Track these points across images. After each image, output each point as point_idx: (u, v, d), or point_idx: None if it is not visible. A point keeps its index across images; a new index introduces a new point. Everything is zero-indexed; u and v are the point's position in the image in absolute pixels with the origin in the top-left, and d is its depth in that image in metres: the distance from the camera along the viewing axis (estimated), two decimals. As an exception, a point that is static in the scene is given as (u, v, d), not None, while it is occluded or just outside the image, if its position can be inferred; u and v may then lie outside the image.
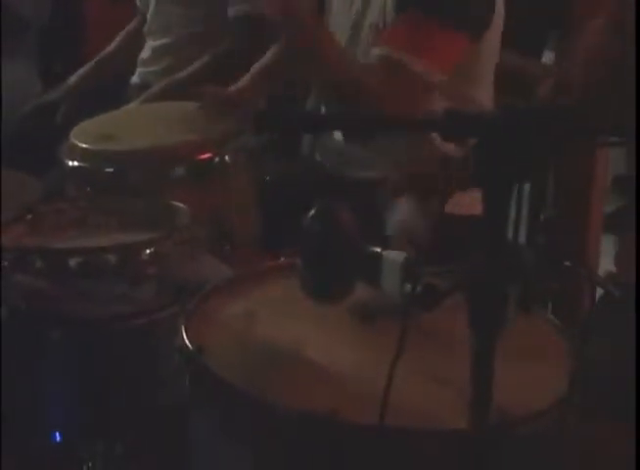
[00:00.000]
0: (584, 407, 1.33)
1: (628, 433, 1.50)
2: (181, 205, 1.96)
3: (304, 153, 2.59)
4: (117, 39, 3.30)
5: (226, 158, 2.23)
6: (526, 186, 2.85)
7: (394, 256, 1.27)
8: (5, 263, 1.75)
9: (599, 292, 2.02)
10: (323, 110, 2.50)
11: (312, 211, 1.28)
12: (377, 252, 1.29)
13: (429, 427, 1.24)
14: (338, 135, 2.42)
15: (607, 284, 1.47)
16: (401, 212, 2.10)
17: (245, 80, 2.62)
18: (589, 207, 2.75)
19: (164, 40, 3.12)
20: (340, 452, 1.25)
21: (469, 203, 1.74)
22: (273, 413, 1.26)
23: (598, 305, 1.86)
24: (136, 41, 3.23)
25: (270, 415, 1.27)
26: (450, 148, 2.03)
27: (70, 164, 2.28)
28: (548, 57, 3.13)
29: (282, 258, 1.67)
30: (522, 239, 2.72)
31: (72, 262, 1.75)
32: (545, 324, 1.49)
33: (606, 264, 2.33)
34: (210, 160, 2.23)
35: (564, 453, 1.34)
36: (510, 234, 2.20)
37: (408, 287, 1.19)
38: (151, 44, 3.17)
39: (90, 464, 1.80)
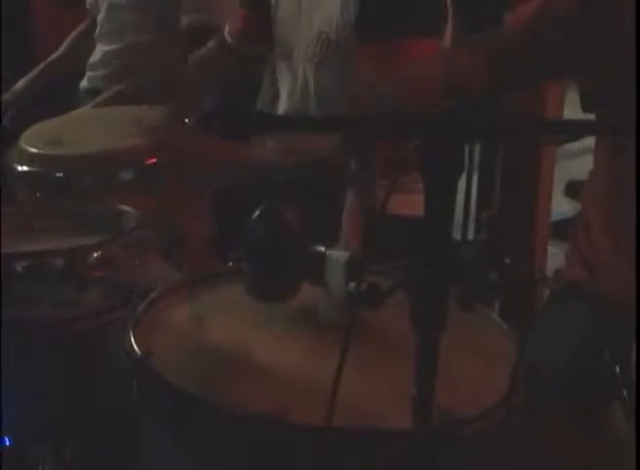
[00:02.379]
0: (534, 407, 1.34)
1: (580, 432, 1.51)
2: (129, 208, 1.96)
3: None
4: (66, 43, 3.28)
5: (174, 161, 2.23)
6: (474, 185, 2.87)
7: (338, 255, 1.28)
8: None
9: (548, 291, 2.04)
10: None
11: (256, 213, 1.29)
12: (321, 251, 1.30)
13: (374, 427, 1.25)
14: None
15: (549, 282, 1.49)
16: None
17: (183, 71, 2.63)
18: (535, 205, 2.78)
19: (115, 45, 3.11)
20: (288, 453, 1.25)
21: (412, 204, 1.75)
22: (223, 416, 1.27)
23: (546, 304, 1.87)
24: (86, 45, 3.21)
25: (220, 418, 1.27)
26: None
27: (20, 168, 2.27)
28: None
29: (230, 262, 1.66)
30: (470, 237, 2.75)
31: (19, 267, 1.74)
32: (489, 322, 1.50)
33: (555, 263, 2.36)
34: (159, 163, 2.22)
35: (512, 454, 1.35)
36: (454, 233, 2.22)
37: (352, 286, 1.20)
38: (101, 48, 3.15)
39: (40, 468, 1.80)
